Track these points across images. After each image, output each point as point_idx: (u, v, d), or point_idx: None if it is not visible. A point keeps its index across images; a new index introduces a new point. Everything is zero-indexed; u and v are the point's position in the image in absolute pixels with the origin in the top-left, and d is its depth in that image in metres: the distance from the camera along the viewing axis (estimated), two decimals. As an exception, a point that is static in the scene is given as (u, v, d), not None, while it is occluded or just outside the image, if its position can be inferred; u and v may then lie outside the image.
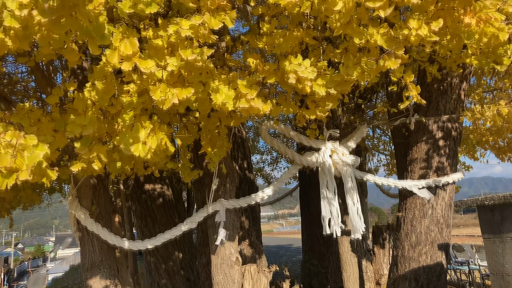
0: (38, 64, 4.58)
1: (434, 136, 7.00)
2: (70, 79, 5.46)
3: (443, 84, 7.03)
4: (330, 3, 3.15)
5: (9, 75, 5.98)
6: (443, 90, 7.08)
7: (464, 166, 8.53)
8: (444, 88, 7.07)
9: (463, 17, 3.72)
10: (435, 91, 7.09)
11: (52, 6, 2.18)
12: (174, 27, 2.95)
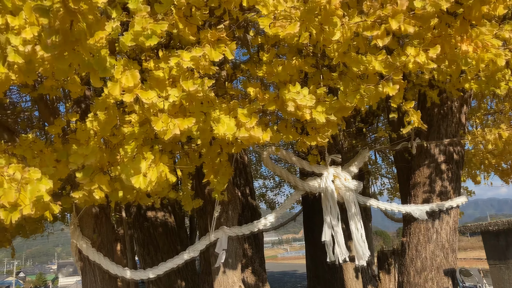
0: (42, 94, 4.64)
1: (436, 160, 6.99)
2: (73, 108, 5.51)
3: (443, 108, 7.06)
4: (328, 33, 3.21)
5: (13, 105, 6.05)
6: (444, 114, 7.11)
7: (467, 191, 8.46)
8: (445, 112, 7.10)
9: (460, 44, 3.77)
10: (435, 115, 7.12)
11: (55, 41, 2.23)
12: (176, 59, 3.00)
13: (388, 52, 4.41)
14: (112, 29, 2.80)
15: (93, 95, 5.44)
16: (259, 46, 4.20)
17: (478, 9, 3.63)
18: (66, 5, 2.17)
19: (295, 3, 3.39)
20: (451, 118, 7.08)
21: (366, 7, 3.33)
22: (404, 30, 3.26)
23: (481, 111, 8.30)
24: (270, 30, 3.13)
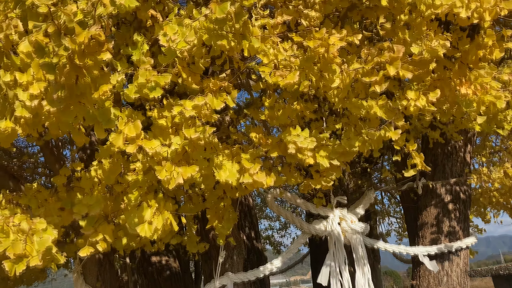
0: (47, 141, 4.71)
1: (443, 200, 6.92)
2: (79, 153, 5.57)
3: (447, 147, 7.06)
4: (328, 80, 3.27)
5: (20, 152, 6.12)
6: (448, 153, 7.10)
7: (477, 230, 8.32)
8: (449, 151, 7.10)
9: (459, 87, 3.82)
10: (440, 154, 7.11)
11: (61, 96, 2.29)
12: (178, 108, 3.06)
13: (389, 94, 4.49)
14: (117, 82, 2.88)
15: (98, 140, 5.50)
16: (261, 91, 4.28)
17: (474, 53, 3.70)
18: (72, 62, 2.25)
19: (294, 52, 3.48)
20: (456, 157, 7.06)
21: (364, 54, 3.41)
22: (402, 75, 3.32)
23: (486, 149, 8.28)
24: (271, 79, 3.20)
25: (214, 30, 2.86)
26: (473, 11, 3.36)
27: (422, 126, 6.21)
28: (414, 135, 6.62)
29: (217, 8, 2.75)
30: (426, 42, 3.41)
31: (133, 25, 3.32)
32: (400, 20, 3.70)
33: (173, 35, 2.81)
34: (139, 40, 3.04)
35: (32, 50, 2.28)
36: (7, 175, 4.74)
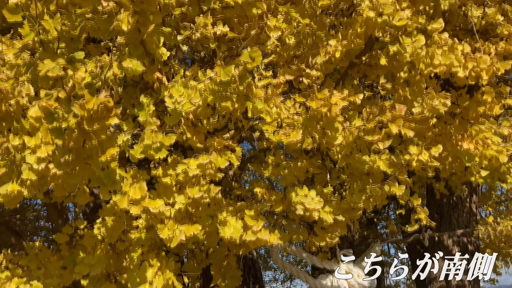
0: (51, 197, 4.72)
1: (451, 252, 6.79)
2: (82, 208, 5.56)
3: (452, 198, 7.01)
4: (331, 138, 3.32)
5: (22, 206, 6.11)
6: (454, 204, 7.04)
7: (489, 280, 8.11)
8: (455, 202, 7.04)
9: (461, 142, 3.85)
10: (445, 205, 7.06)
11: (68, 160, 2.33)
12: (183, 166, 3.09)
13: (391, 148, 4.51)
14: (123, 142, 2.93)
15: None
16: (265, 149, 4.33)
17: (474, 110, 3.77)
18: (81, 127, 2.30)
19: (297, 110, 3.55)
20: (462, 208, 7.00)
21: (366, 113, 3.47)
22: (404, 134, 3.36)
23: (492, 199, 8.22)
24: (274, 137, 3.25)
25: (218, 92, 2.94)
26: (470, 70, 3.45)
27: (427, 177, 6.20)
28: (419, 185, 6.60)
29: (222, 72, 2.84)
30: (427, 100, 3.48)
31: (139, 85, 3.42)
32: (400, 78, 3.79)
33: (178, 97, 2.88)
34: (145, 101, 3.12)
35: (41, 116, 2.34)
36: (9, 230, 4.72)
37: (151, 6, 2.83)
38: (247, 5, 3.30)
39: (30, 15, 2.74)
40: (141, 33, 2.90)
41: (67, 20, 2.90)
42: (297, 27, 3.69)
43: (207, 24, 3.14)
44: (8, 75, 2.77)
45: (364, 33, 3.38)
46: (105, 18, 2.90)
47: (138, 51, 2.96)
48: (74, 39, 2.95)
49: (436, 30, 3.61)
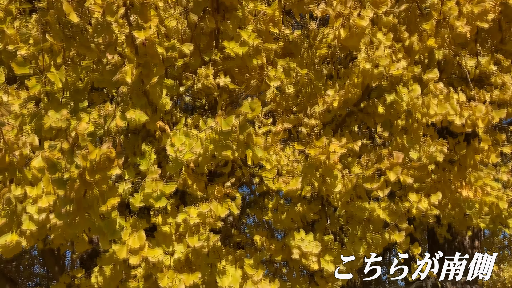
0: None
1: (455, 300, 6.63)
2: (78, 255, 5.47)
3: (454, 243, 6.93)
4: (330, 185, 3.34)
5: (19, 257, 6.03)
6: (455, 249, 6.94)
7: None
8: (456, 247, 6.95)
9: (460, 190, 3.87)
10: (447, 250, 6.96)
11: (69, 210, 2.34)
12: (183, 215, 3.09)
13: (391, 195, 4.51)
14: (124, 190, 2.95)
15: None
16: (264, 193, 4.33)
17: (472, 158, 3.81)
18: (83, 177, 2.33)
19: (296, 157, 3.59)
20: (463, 253, 6.90)
21: (364, 161, 3.51)
22: (403, 181, 3.39)
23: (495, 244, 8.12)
24: (274, 185, 3.27)
25: (219, 141, 2.99)
26: (466, 118, 3.52)
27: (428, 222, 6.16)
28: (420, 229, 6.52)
29: (223, 122, 2.90)
30: (424, 148, 3.52)
31: (141, 133, 3.47)
32: (397, 125, 3.85)
33: (180, 145, 2.93)
34: (147, 150, 3.16)
35: (44, 166, 2.37)
36: (4, 278, 4.64)
37: (154, 59, 2.93)
38: (248, 56, 3.40)
39: (37, 67, 2.83)
40: (144, 84, 2.98)
41: (73, 72, 2.99)
42: (296, 77, 3.79)
43: (209, 75, 3.23)
44: (13, 125, 2.83)
45: (361, 83, 3.47)
46: (109, 69, 2.99)
47: (141, 101, 3.03)
48: (79, 90, 3.03)
49: (432, 79, 3.70)
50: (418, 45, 3.68)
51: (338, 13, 3.22)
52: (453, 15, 3.60)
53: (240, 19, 3.44)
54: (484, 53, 4.39)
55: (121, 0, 2.72)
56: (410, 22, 3.94)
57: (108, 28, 2.69)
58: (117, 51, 2.96)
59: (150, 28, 2.78)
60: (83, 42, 3.18)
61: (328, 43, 3.83)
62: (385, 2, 3.40)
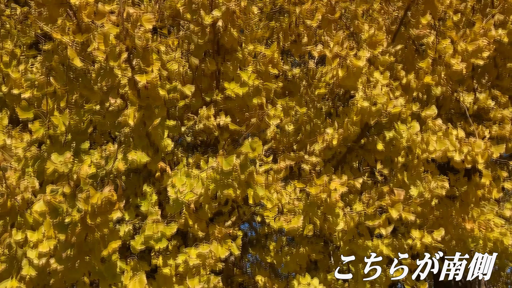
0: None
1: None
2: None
3: (461, 280, 6.80)
4: (332, 223, 3.32)
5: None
6: (462, 286, 6.81)
7: None
8: (463, 284, 6.82)
9: (463, 224, 3.84)
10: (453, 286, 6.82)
11: (70, 255, 2.33)
12: (183, 256, 3.06)
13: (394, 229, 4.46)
14: (124, 233, 2.94)
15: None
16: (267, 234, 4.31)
17: (474, 193, 3.80)
18: (84, 221, 2.33)
19: (297, 195, 3.59)
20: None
21: (366, 198, 3.51)
22: (405, 217, 3.37)
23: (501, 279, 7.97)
24: (275, 224, 3.26)
25: (220, 180, 3.01)
26: (466, 154, 3.54)
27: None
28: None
29: (224, 162, 2.92)
30: (424, 184, 3.52)
31: (142, 173, 3.49)
32: (397, 162, 3.86)
33: (181, 186, 2.94)
34: (148, 190, 3.17)
35: (46, 211, 2.38)
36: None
37: (156, 101, 2.98)
38: (248, 96, 3.46)
39: (41, 111, 2.89)
40: (146, 125, 3.02)
41: (76, 115, 3.04)
42: (295, 115, 3.84)
43: (210, 116, 3.28)
44: (16, 168, 2.85)
45: (360, 120, 3.51)
46: (112, 112, 3.04)
47: (143, 143, 3.07)
48: (81, 132, 3.07)
49: (430, 116, 3.75)
50: (415, 83, 3.75)
51: (335, 54, 3.30)
52: (448, 53, 3.68)
53: (240, 61, 3.51)
54: (481, 89, 4.44)
55: (123, 45, 2.80)
56: (406, 60, 4.02)
57: (111, 72, 2.76)
58: (119, 94, 3.02)
59: (152, 72, 2.85)
60: (86, 84, 3.25)
61: (327, 81, 3.91)
62: (381, 42, 3.49)
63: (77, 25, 3.11)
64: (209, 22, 3.14)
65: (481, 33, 3.70)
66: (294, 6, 3.60)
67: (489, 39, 3.68)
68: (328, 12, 3.44)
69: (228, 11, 3.19)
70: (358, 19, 3.45)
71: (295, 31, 3.72)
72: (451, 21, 3.92)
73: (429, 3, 3.75)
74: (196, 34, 3.23)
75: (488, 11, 4.30)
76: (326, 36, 3.33)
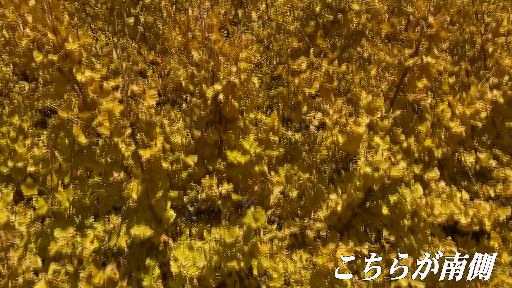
0: None
1: None
2: None
3: None
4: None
5: None
6: None
7: None
8: None
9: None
10: None
11: None
12: None
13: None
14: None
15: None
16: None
17: (483, 257, 3.71)
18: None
19: (304, 263, 3.52)
20: None
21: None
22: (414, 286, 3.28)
23: None
24: (282, 297, 3.17)
25: (224, 252, 2.97)
26: (472, 217, 3.50)
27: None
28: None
29: (227, 233, 2.90)
30: (432, 249, 3.46)
31: (145, 246, 3.46)
32: (403, 226, 3.81)
33: (183, 260, 2.89)
34: (151, 264, 3.12)
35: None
36: None
37: (159, 174, 3.01)
38: (250, 163, 3.49)
39: (45, 187, 2.92)
40: (149, 198, 3.03)
41: (80, 190, 3.06)
42: (298, 181, 3.85)
43: (212, 185, 3.29)
44: (18, 245, 2.84)
45: (363, 185, 3.50)
46: (115, 185, 3.07)
47: (146, 215, 3.06)
48: (85, 208, 3.07)
49: (433, 178, 3.74)
50: (415, 146, 3.78)
51: (335, 121, 3.36)
52: (446, 117, 3.74)
53: (241, 129, 3.58)
54: (482, 149, 4.48)
55: (127, 121, 2.87)
56: (405, 123, 4.09)
57: (115, 148, 2.81)
58: (123, 167, 3.05)
59: (155, 146, 2.90)
60: (91, 156, 3.30)
61: (327, 145, 3.96)
62: (380, 108, 3.56)
63: (83, 100, 3.22)
64: (210, 95, 3.23)
65: (478, 96, 3.78)
66: (292, 77, 3.72)
67: (485, 102, 3.75)
68: (326, 81, 3.55)
69: (229, 84, 3.29)
70: (356, 88, 3.55)
71: (294, 99, 3.81)
72: (447, 85, 4.02)
73: (424, 69, 3.86)
74: (198, 107, 3.32)
75: (482, 73, 4.43)
76: (326, 105, 3.41)
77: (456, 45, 4.93)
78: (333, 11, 4.59)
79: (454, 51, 5.03)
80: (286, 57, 3.93)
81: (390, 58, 3.64)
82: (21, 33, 3.12)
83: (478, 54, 4.58)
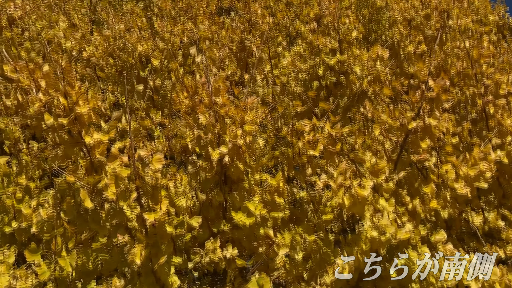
0: None
1: None
2: None
3: None
4: None
5: None
6: None
7: None
8: None
9: None
10: None
11: None
12: None
13: None
14: None
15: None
16: None
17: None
18: None
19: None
20: None
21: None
22: None
23: None
24: None
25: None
26: (483, 282, 3.41)
27: None
28: None
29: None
30: (444, 315, 3.35)
31: None
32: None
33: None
34: None
35: None
36: None
37: (163, 238, 2.99)
38: (255, 225, 3.46)
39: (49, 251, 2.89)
40: (152, 263, 2.99)
41: (83, 254, 3.04)
42: (304, 243, 3.79)
43: (216, 249, 3.25)
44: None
45: (370, 249, 3.45)
46: (119, 248, 3.04)
47: (149, 280, 3.01)
48: (88, 273, 3.03)
49: (440, 241, 3.68)
50: (421, 208, 3.76)
51: (340, 184, 3.37)
52: (451, 178, 3.74)
53: (246, 190, 3.59)
54: (489, 208, 4.43)
55: (133, 186, 2.89)
56: (410, 184, 4.08)
57: (120, 212, 2.81)
58: (127, 229, 3.04)
59: (160, 210, 2.90)
60: (95, 218, 3.29)
61: (333, 206, 3.93)
62: (383, 170, 3.57)
63: (90, 162, 3.26)
64: (216, 158, 3.27)
65: (481, 157, 3.80)
66: (297, 138, 3.77)
67: (489, 162, 3.76)
68: (329, 144, 3.59)
69: (235, 147, 3.34)
70: (359, 151, 3.58)
71: (298, 160, 3.84)
72: (451, 146, 4.05)
73: (426, 129, 3.91)
74: (204, 169, 3.35)
75: (484, 133, 4.47)
76: (330, 167, 3.43)
77: (458, 104, 5.02)
78: (336, 73, 4.73)
79: (457, 109, 5.12)
80: (290, 119, 4.00)
81: (392, 121, 3.70)
82: (34, 97, 3.21)
83: (480, 114, 4.66)
